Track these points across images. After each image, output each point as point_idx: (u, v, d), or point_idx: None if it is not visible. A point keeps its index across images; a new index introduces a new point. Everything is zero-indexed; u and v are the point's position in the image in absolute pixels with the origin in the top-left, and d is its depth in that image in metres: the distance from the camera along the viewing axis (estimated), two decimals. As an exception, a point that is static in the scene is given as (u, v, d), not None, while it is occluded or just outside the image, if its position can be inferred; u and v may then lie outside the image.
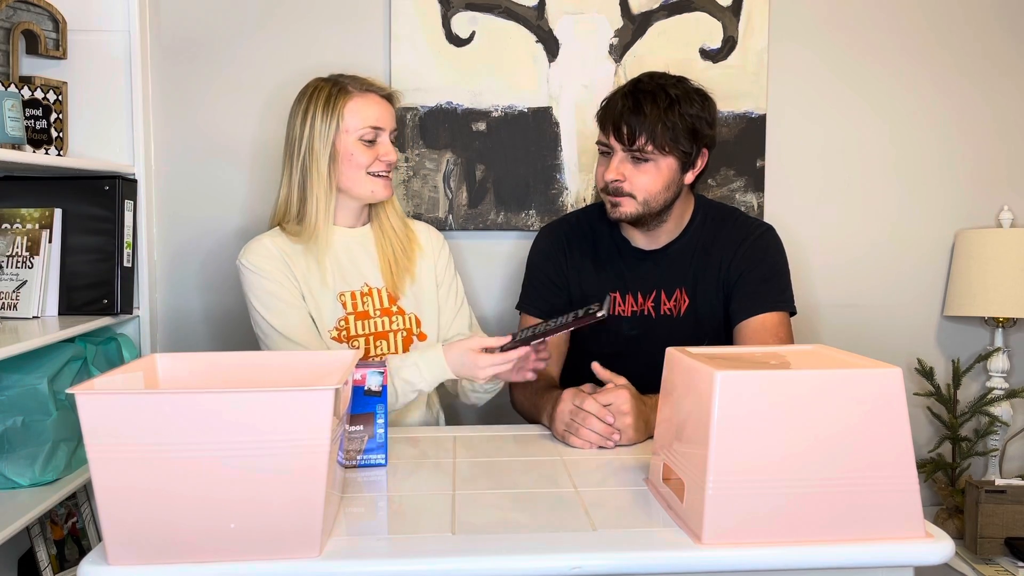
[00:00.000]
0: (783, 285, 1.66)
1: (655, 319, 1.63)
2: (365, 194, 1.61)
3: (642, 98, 1.54)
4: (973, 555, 1.87)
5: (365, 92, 1.60)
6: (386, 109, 1.62)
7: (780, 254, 1.67)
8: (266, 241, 1.59)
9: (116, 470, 0.89)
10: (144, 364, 1.09)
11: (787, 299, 1.64)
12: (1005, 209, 2.11)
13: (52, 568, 1.66)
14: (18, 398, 1.49)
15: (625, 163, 1.57)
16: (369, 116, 1.58)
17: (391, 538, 0.99)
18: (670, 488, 1.07)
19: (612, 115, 1.57)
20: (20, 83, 1.65)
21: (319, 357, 1.19)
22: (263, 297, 1.55)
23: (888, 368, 0.98)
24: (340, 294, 1.61)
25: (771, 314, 1.60)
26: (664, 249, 1.67)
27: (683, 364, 1.07)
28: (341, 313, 1.60)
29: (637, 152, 1.54)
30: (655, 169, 1.56)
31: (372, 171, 1.59)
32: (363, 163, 1.58)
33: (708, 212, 1.70)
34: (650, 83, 1.58)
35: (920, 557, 0.97)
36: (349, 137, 1.57)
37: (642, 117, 1.52)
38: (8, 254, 1.68)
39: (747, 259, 1.63)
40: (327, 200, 1.59)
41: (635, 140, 1.53)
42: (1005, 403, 2.09)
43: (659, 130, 1.52)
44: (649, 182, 1.56)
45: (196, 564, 0.91)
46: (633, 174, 1.56)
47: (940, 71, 2.13)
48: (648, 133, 1.53)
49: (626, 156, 1.56)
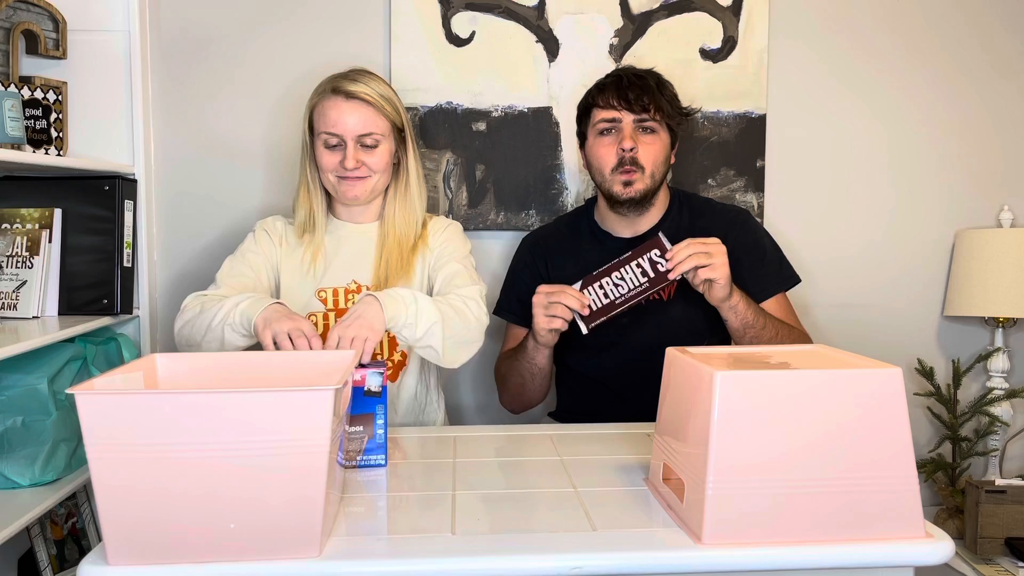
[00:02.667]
0: (781, 263, 1.75)
1: (643, 305, 1.64)
2: (339, 196, 1.64)
3: (635, 77, 1.66)
4: (973, 555, 1.87)
5: (331, 95, 1.58)
6: (349, 113, 1.57)
7: (767, 235, 1.78)
8: (280, 222, 1.71)
9: (116, 470, 0.89)
10: (144, 364, 1.09)
11: (788, 275, 1.75)
12: (1005, 209, 2.11)
13: (52, 568, 1.66)
14: (18, 398, 1.49)
15: (635, 133, 1.64)
16: (327, 121, 1.59)
17: (391, 538, 0.99)
18: (670, 488, 1.07)
19: (616, 88, 1.65)
20: (20, 83, 1.65)
21: (319, 357, 1.19)
22: (243, 248, 1.66)
23: (888, 368, 0.98)
24: (320, 291, 1.62)
25: (777, 296, 1.71)
26: (645, 236, 1.72)
27: (683, 364, 1.07)
28: (318, 308, 1.62)
29: (646, 119, 1.63)
30: (658, 141, 1.65)
31: (338, 175, 1.60)
32: (325, 167, 1.61)
33: (684, 200, 1.78)
34: (630, 68, 1.73)
35: (920, 557, 0.97)
36: (318, 141, 1.61)
37: (647, 86, 1.63)
38: (8, 254, 1.68)
39: (742, 245, 1.68)
40: (313, 200, 1.66)
41: (646, 106, 1.62)
42: (1005, 403, 2.09)
43: (661, 100, 1.63)
44: (656, 153, 1.65)
45: (196, 564, 0.91)
46: (643, 145, 1.64)
47: (940, 71, 2.13)
48: (654, 101, 1.62)
49: (635, 127, 1.64)
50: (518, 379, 1.68)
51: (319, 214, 1.65)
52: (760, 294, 1.68)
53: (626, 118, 1.63)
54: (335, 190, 1.63)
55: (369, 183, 1.61)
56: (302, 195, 1.66)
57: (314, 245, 1.64)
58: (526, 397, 1.72)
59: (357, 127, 1.57)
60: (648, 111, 1.62)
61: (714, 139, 2.06)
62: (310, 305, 1.62)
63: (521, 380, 1.67)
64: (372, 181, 1.61)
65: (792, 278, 1.75)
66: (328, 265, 1.64)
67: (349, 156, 1.57)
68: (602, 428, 1.49)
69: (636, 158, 1.63)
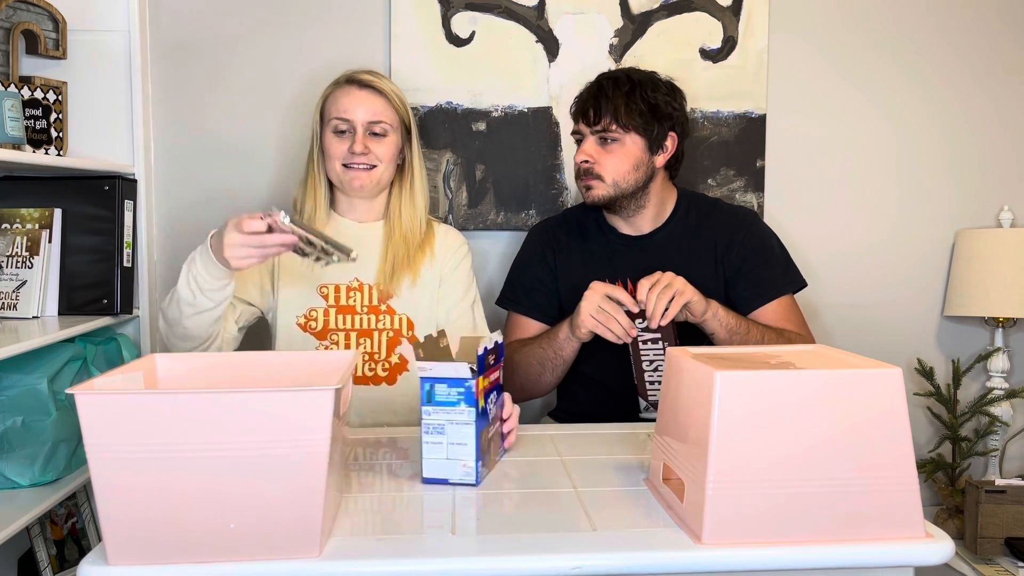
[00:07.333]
0: (787, 266, 1.75)
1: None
2: (344, 186, 1.64)
3: (606, 83, 1.67)
4: (973, 555, 1.87)
5: (345, 84, 1.63)
6: (361, 101, 1.61)
7: (775, 237, 1.78)
8: None
9: (116, 470, 0.89)
10: (144, 364, 1.09)
11: (794, 278, 1.74)
12: (1005, 209, 2.11)
13: (52, 568, 1.66)
14: (18, 398, 1.49)
15: (594, 145, 1.67)
16: (339, 107, 1.61)
17: (391, 538, 0.99)
18: (670, 488, 1.07)
19: (579, 101, 1.69)
20: (20, 83, 1.65)
21: (319, 357, 1.19)
22: None
23: (888, 368, 0.98)
24: (322, 286, 1.62)
25: (782, 299, 1.70)
26: (650, 236, 1.73)
27: (683, 364, 1.07)
28: (319, 304, 1.62)
29: (603, 132, 1.64)
30: (621, 149, 1.65)
31: (345, 163, 1.61)
32: (333, 154, 1.62)
33: (692, 202, 1.78)
34: (616, 72, 1.72)
35: (920, 557, 0.97)
36: (327, 128, 1.62)
37: (604, 98, 1.64)
38: (8, 254, 1.68)
39: (748, 246, 1.70)
40: (316, 191, 1.66)
41: (600, 119, 1.64)
42: (1005, 403, 2.09)
43: (622, 109, 1.63)
44: (616, 163, 1.65)
45: (196, 564, 0.91)
46: (602, 155, 1.66)
47: (940, 71, 2.13)
48: (612, 112, 1.63)
49: (594, 139, 1.66)
50: (536, 367, 1.66)
51: (321, 208, 1.66)
52: (764, 296, 1.68)
53: (585, 131, 1.67)
54: (340, 181, 1.63)
55: (375, 174, 1.62)
56: (308, 186, 1.67)
57: None
58: (539, 385, 1.69)
59: (368, 114, 1.60)
60: (601, 123, 1.63)
61: (714, 139, 2.06)
62: (311, 300, 1.63)
63: (540, 368, 1.66)
64: (378, 172, 1.62)
65: (797, 281, 1.74)
66: None
67: (358, 140, 1.59)
68: (602, 428, 1.49)
69: (591, 169, 1.65)
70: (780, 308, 1.69)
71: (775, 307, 1.69)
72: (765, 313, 1.68)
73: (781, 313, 1.69)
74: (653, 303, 1.48)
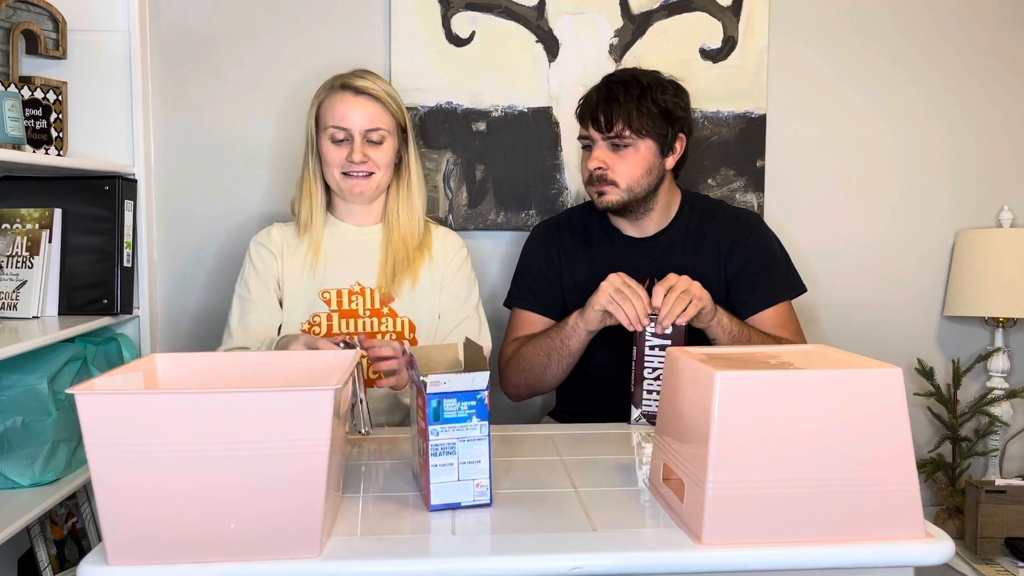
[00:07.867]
0: (788, 271, 1.74)
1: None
2: (344, 193, 1.64)
3: (615, 87, 1.64)
4: (973, 555, 1.87)
5: (340, 90, 1.61)
6: (357, 108, 1.60)
7: (777, 241, 1.77)
8: (275, 229, 1.69)
9: (116, 470, 0.89)
10: (144, 364, 1.09)
11: (794, 284, 1.74)
12: (1005, 209, 2.11)
13: (52, 568, 1.66)
14: (18, 398, 1.49)
15: (606, 151, 1.65)
16: (335, 115, 1.60)
17: (391, 538, 0.99)
18: (670, 488, 1.07)
19: (589, 107, 1.66)
20: (20, 83, 1.65)
21: (319, 357, 1.19)
22: (243, 277, 1.66)
23: (888, 368, 0.98)
24: (324, 291, 1.63)
25: (781, 305, 1.70)
26: (655, 237, 1.73)
27: (683, 364, 1.07)
28: (322, 309, 1.62)
29: (616, 139, 1.62)
30: (635, 155, 1.64)
31: (344, 171, 1.61)
32: (331, 162, 1.62)
33: (695, 203, 1.77)
34: (622, 75, 1.69)
35: (920, 557, 0.97)
36: (324, 136, 1.62)
37: (616, 104, 1.61)
38: (8, 254, 1.68)
39: (751, 250, 1.70)
40: (313, 196, 1.66)
41: (612, 126, 1.62)
42: (1005, 403, 2.09)
43: (634, 114, 1.61)
44: (630, 168, 1.64)
45: (196, 564, 0.91)
46: (615, 161, 1.64)
47: (940, 71, 2.13)
48: (624, 118, 1.61)
49: (606, 144, 1.64)
50: (543, 358, 1.65)
51: (318, 211, 1.66)
52: (763, 301, 1.68)
53: (597, 137, 1.64)
54: (339, 187, 1.64)
55: (374, 180, 1.62)
56: (304, 190, 1.67)
57: (314, 242, 1.65)
58: (544, 379, 1.67)
59: (365, 122, 1.60)
60: (614, 130, 1.61)
61: (714, 139, 2.06)
62: (314, 305, 1.62)
63: (547, 359, 1.65)
64: (377, 178, 1.62)
65: (797, 287, 1.73)
66: (330, 266, 1.65)
67: (356, 149, 1.59)
68: (602, 428, 1.49)
69: (605, 175, 1.64)
70: (778, 314, 1.69)
71: (773, 313, 1.68)
72: (763, 318, 1.68)
73: (779, 319, 1.68)
74: (670, 305, 1.46)
